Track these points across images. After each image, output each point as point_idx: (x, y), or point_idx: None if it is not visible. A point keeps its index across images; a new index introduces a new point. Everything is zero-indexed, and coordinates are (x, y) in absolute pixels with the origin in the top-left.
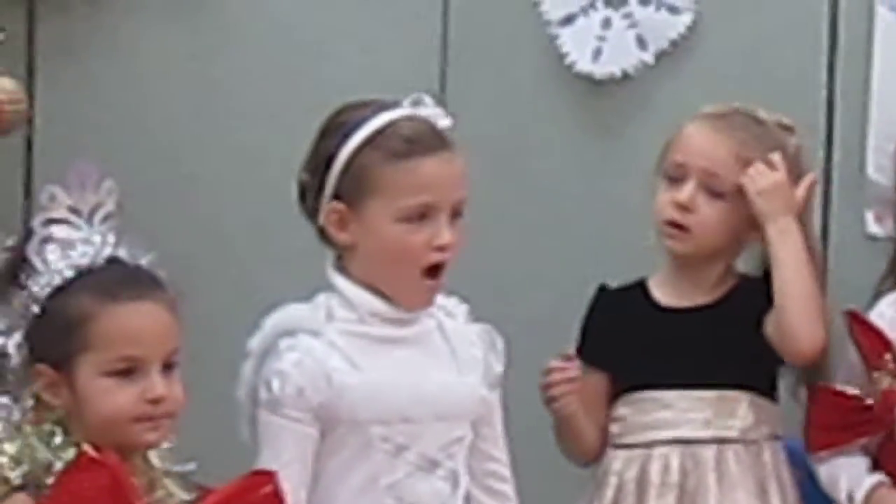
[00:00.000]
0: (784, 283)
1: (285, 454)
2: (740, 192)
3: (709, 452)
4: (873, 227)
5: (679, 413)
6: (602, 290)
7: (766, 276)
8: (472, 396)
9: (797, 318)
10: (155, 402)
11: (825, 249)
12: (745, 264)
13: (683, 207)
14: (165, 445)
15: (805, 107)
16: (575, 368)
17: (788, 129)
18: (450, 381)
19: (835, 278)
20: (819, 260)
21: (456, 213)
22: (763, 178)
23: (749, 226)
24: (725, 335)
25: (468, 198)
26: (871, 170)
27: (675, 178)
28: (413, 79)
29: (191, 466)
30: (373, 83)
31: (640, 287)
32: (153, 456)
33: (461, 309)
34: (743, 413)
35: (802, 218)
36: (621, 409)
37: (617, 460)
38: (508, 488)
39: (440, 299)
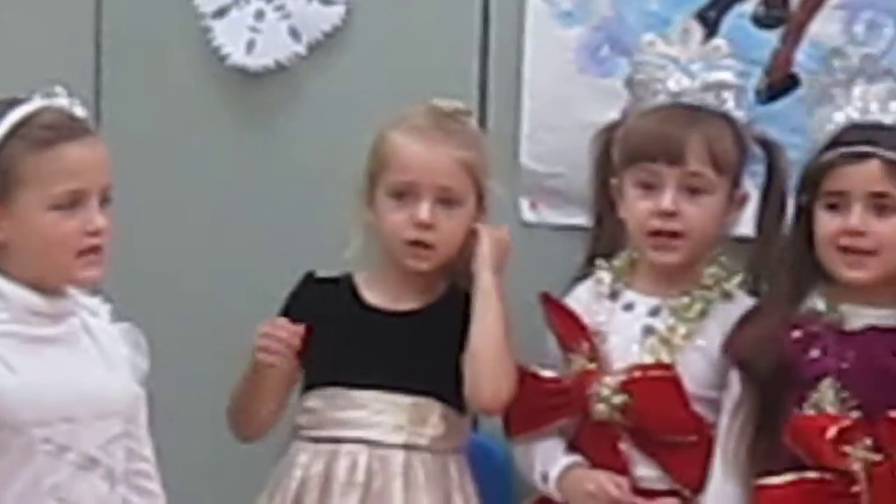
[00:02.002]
0: (479, 335)
1: None
2: (468, 195)
3: (397, 457)
4: (528, 215)
5: (372, 414)
6: (308, 278)
7: None
8: (126, 392)
9: (484, 373)
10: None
11: None
12: None
13: (426, 226)
14: None
15: (458, 95)
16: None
17: (467, 113)
18: (104, 379)
19: None
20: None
21: (105, 199)
22: (499, 231)
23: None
24: (427, 343)
25: (123, 190)
26: (524, 157)
27: (405, 195)
28: (66, 73)
29: None
30: (26, 79)
31: (348, 282)
32: None
33: (104, 308)
34: (435, 422)
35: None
36: (313, 402)
37: (304, 453)
38: (156, 486)
39: (83, 299)
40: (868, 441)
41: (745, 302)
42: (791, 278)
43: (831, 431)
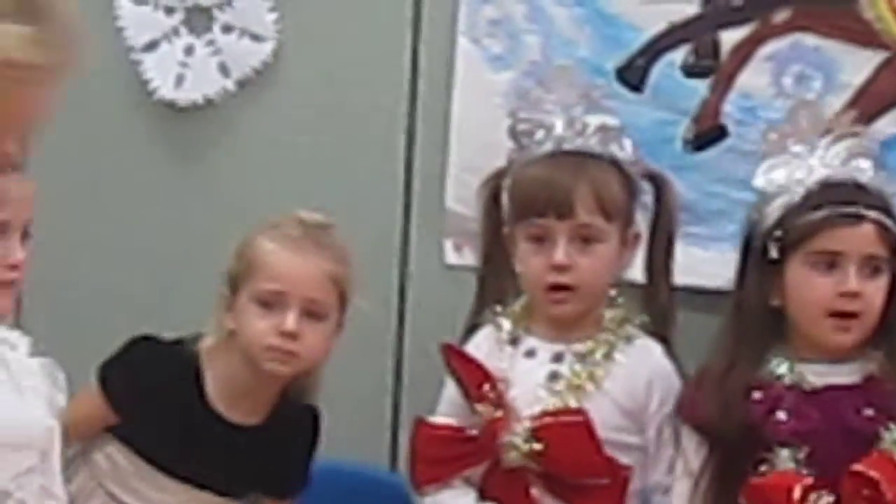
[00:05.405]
0: None
1: None
2: (332, 310)
3: None
4: (452, 257)
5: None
6: (145, 341)
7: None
8: (41, 426)
9: None
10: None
11: (404, 278)
12: None
13: (292, 336)
14: None
15: (386, 135)
16: None
17: (329, 226)
18: (19, 410)
19: (414, 307)
20: None
21: (25, 234)
22: None
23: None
24: (260, 457)
25: (47, 224)
26: (450, 200)
27: (271, 304)
28: None
29: None
30: None
31: (194, 366)
32: None
33: (23, 341)
34: None
35: None
36: (122, 459)
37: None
38: None
39: (2, 332)
40: (829, 498)
41: (646, 343)
42: (755, 341)
43: (797, 492)
